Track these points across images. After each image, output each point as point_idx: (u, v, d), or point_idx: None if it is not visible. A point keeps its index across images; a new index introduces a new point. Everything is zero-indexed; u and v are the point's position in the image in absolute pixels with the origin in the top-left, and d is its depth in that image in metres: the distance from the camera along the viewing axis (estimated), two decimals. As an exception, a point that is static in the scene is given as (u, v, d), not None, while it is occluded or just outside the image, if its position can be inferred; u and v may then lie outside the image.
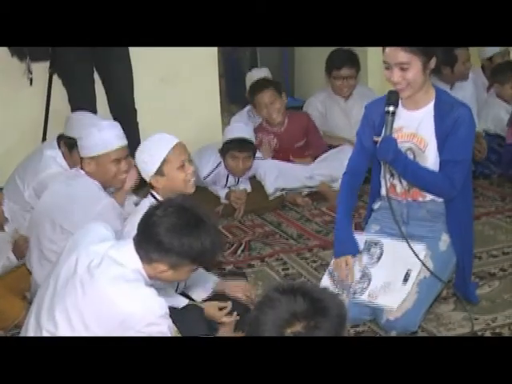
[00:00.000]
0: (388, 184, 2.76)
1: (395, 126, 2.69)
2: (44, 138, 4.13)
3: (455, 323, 2.89)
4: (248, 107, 4.92)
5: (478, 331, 2.81)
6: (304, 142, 4.52)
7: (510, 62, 4.82)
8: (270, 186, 4.31)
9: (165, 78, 4.64)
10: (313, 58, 6.12)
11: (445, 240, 2.83)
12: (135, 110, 4.36)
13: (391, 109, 2.63)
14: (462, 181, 2.71)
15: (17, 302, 3.09)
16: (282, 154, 4.47)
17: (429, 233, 2.83)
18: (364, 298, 2.79)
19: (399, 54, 2.53)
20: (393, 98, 2.64)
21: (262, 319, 1.44)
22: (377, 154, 2.70)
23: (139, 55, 4.30)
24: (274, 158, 4.49)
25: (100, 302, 2.05)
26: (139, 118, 4.38)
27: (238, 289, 2.92)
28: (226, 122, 4.89)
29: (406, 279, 2.73)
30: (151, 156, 2.72)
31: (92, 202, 2.92)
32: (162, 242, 2.06)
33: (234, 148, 4.18)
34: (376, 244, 2.87)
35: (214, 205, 4.25)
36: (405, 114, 2.72)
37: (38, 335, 2.12)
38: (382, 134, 2.67)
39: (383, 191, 2.83)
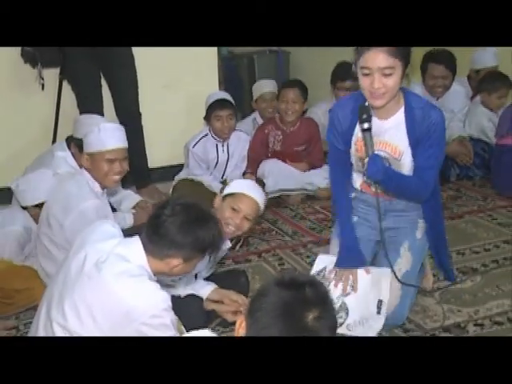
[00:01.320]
0: (360, 180, 2.67)
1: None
2: (54, 140, 4.14)
3: (440, 315, 2.90)
4: (253, 115, 4.91)
5: (461, 323, 2.83)
6: (304, 148, 4.49)
7: (499, 72, 4.80)
8: (271, 185, 4.30)
9: (168, 84, 4.65)
10: (306, 65, 6.15)
11: (421, 226, 2.75)
12: (140, 114, 4.36)
13: (366, 126, 2.40)
14: (435, 181, 2.62)
15: (39, 284, 3.11)
16: (281, 154, 4.45)
17: (406, 223, 2.72)
18: (342, 330, 2.62)
19: (383, 59, 2.29)
20: (365, 113, 2.41)
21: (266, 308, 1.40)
22: (366, 175, 2.52)
23: (144, 62, 4.32)
24: (274, 156, 4.47)
25: (106, 295, 2.05)
26: (144, 122, 4.39)
27: (232, 304, 2.80)
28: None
29: (379, 309, 2.64)
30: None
31: (77, 200, 2.92)
32: (175, 239, 2.09)
33: (216, 108, 4.22)
34: None
35: (212, 201, 4.23)
36: (376, 123, 2.48)
37: (49, 327, 2.12)
38: (360, 152, 2.53)
39: (356, 184, 2.70)
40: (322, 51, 4.55)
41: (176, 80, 4.65)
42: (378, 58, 2.30)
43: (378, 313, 2.65)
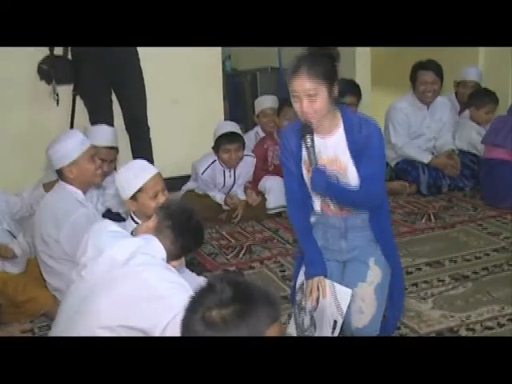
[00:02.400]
0: (320, 204, 2.63)
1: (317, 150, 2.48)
2: None
3: (434, 320, 2.92)
4: (255, 129, 4.90)
5: (453, 327, 2.85)
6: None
7: (487, 89, 4.86)
8: (272, 202, 4.30)
9: (176, 99, 4.68)
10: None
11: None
12: (148, 127, 4.37)
13: (309, 142, 2.42)
14: (382, 190, 2.60)
15: (45, 292, 3.11)
16: (281, 168, 4.43)
17: (365, 241, 2.66)
18: None
19: (306, 84, 2.33)
20: (307, 130, 2.42)
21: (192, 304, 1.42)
22: (311, 188, 2.54)
23: (153, 78, 4.33)
24: (275, 171, 4.44)
25: (136, 284, 2.08)
26: (153, 135, 4.40)
27: None
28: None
29: (333, 329, 2.58)
30: (128, 182, 2.69)
31: (66, 213, 2.92)
32: (188, 245, 2.30)
33: (224, 142, 4.19)
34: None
35: (217, 212, 4.27)
36: (319, 141, 2.48)
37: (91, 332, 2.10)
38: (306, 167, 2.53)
39: (317, 207, 2.66)
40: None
41: (183, 95, 4.67)
42: (302, 84, 2.35)
43: (332, 333, 2.59)
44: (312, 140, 2.43)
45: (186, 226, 2.27)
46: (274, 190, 4.30)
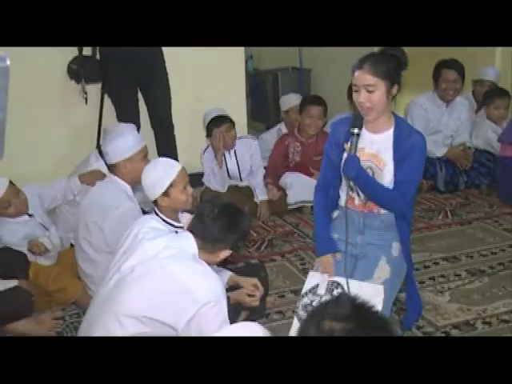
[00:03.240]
0: (347, 197, 2.64)
1: (359, 146, 2.57)
2: (98, 147, 4.18)
3: (450, 313, 2.90)
4: (278, 126, 4.90)
5: (470, 320, 2.82)
6: (322, 158, 4.46)
7: (498, 88, 4.82)
8: (292, 197, 4.29)
9: (201, 97, 4.67)
10: (326, 81, 6.15)
11: (396, 247, 2.70)
12: (172, 126, 4.38)
13: (356, 131, 2.52)
14: (412, 197, 2.65)
15: (76, 282, 3.14)
16: (301, 164, 4.44)
17: (381, 241, 2.70)
18: None
19: (367, 77, 2.44)
20: (358, 121, 2.54)
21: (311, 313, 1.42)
22: (342, 170, 2.59)
23: (179, 78, 4.34)
24: (296, 168, 4.44)
25: (162, 277, 2.10)
26: (177, 132, 4.41)
27: (248, 285, 2.77)
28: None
29: None
30: (159, 179, 2.67)
31: (115, 205, 2.94)
32: (218, 236, 2.22)
33: (214, 126, 4.21)
34: (338, 285, 2.65)
35: (241, 204, 4.24)
36: (367, 136, 2.59)
37: (115, 321, 2.11)
38: (347, 153, 2.58)
39: (342, 202, 2.71)
40: (340, 68, 4.56)
41: (207, 94, 4.66)
42: (362, 77, 2.45)
43: None
44: (360, 129, 2.53)
45: (206, 213, 2.24)
46: (295, 186, 4.30)
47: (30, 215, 3.27)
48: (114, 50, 3.94)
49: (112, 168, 3.09)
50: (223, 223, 2.22)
